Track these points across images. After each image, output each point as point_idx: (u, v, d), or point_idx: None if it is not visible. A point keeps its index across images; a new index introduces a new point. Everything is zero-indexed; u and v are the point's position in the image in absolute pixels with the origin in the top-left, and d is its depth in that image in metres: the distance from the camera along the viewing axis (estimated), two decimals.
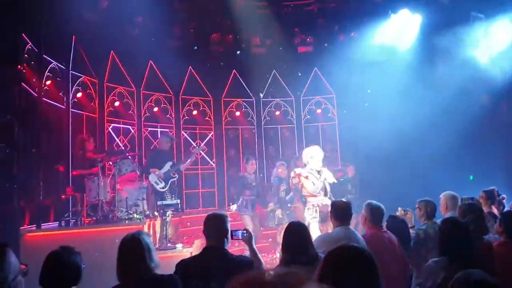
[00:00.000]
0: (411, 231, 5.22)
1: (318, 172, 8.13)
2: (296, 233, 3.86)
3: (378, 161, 11.20)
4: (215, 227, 3.75)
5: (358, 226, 8.88)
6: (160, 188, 9.03)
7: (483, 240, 4.06)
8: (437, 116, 10.58)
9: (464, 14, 10.96)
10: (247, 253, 4.77)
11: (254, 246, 4.03)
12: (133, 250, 3.17)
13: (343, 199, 5.57)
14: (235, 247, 7.98)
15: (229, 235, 3.76)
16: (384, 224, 4.86)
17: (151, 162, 9.48)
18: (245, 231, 4.01)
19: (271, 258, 9.67)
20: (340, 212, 4.69)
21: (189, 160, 9.84)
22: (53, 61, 9.47)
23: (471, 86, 10.26)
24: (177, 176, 9.56)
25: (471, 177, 10.95)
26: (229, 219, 3.90)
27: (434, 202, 5.55)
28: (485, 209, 5.77)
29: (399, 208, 5.52)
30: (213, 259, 3.62)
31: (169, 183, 9.17)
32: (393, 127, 10.99)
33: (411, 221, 5.47)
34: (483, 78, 10.36)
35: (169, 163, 9.30)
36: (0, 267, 2.27)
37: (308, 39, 12.98)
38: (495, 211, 6.38)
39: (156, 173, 9.09)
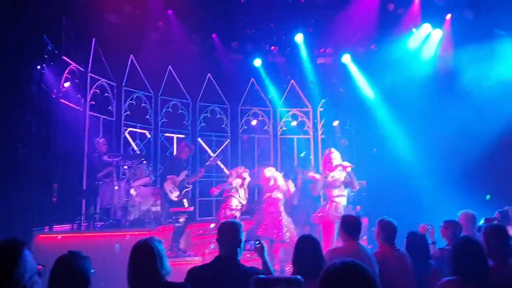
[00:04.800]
0: (432, 247, 5.12)
1: None
2: (307, 246, 3.82)
3: (394, 177, 11.02)
4: (229, 236, 3.68)
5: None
6: (174, 197, 8.93)
7: (507, 264, 3.90)
8: (456, 133, 10.35)
9: (487, 31, 10.76)
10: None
11: (267, 258, 3.92)
12: (145, 257, 3.13)
13: (353, 214, 5.52)
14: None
15: (242, 245, 3.69)
16: (405, 240, 4.77)
17: (168, 169, 9.40)
18: (257, 242, 3.89)
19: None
20: (350, 227, 4.61)
21: (198, 175, 9.71)
22: (72, 63, 9.50)
23: (494, 103, 10.02)
24: (192, 186, 9.49)
25: (488, 197, 10.71)
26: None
27: (461, 225, 5.45)
28: None
29: (421, 224, 5.41)
30: (224, 268, 3.56)
31: (183, 193, 9.08)
32: (411, 143, 10.85)
33: (432, 237, 5.36)
34: (506, 95, 10.10)
35: (184, 172, 9.24)
36: (17, 265, 2.24)
37: (327, 50, 12.89)
38: (510, 232, 6.21)
39: (173, 180, 9.00)
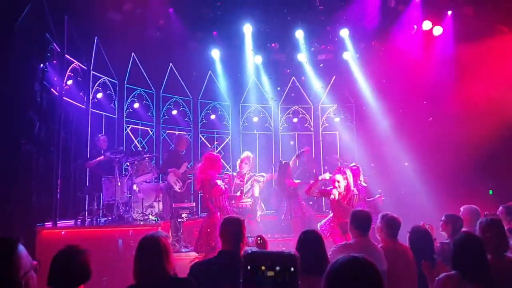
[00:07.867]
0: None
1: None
2: (310, 242, 3.77)
3: (395, 173, 11.05)
4: (232, 231, 3.71)
5: None
6: (178, 188, 9.03)
7: (504, 257, 3.94)
8: (458, 129, 10.35)
9: (488, 27, 10.74)
10: None
11: None
12: (151, 251, 3.15)
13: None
14: None
15: (245, 241, 3.72)
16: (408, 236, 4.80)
17: (168, 162, 9.50)
18: (259, 238, 3.91)
19: None
20: (360, 222, 4.58)
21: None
22: (74, 61, 9.56)
23: (496, 99, 9.99)
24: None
25: (491, 192, 10.71)
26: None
27: (462, 219, 5.48)
28: (504, 225, 5.64)
29: (422, 222, 5.44)
30: (227, 263, 3.57)
31: (185, 184, 9.20)
32: (414, 139, 10.87)
33: (433, 234, 5.39)
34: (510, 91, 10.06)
35: (185, 164, 9.33)
36: (10, 262, 2.26)
37: (328, 47, 12.86)
38: None
39: (175, 173, 9.09)
